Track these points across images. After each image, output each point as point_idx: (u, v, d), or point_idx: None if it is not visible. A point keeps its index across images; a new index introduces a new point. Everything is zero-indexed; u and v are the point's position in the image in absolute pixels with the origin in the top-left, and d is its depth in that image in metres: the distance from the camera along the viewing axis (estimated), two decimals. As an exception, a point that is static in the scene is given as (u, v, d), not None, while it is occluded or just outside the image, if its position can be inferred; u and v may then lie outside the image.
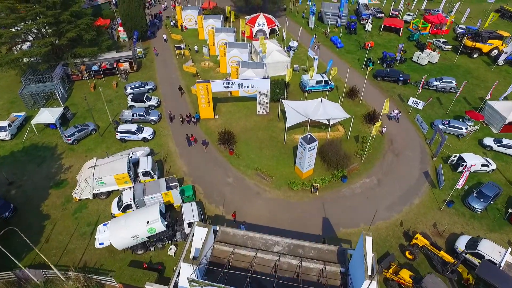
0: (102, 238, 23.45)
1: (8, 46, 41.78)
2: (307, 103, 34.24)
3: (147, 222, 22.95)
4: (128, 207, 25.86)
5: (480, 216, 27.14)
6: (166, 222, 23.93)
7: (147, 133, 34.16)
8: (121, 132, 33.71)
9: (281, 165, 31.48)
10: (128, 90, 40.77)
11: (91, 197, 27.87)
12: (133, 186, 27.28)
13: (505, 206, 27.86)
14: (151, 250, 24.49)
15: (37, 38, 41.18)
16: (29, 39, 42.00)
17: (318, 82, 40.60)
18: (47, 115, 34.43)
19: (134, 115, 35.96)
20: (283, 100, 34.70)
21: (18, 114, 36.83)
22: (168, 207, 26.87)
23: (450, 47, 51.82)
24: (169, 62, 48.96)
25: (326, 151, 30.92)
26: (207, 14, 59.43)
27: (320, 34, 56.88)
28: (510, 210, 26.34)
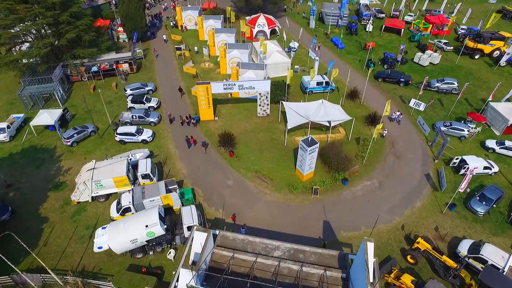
0: (100, 242, 23.24)
1: (7, 47, 41.59)
2: (308, 105, 33.99)
3: (146, 226, 22.73)
4: (127, 210, 25.65)
5: (482, 220, 26.87)
6: (165, 226, 23.71)
7: (146, 135, 33.92)
8: (120, 134, 33.47)
9: (281, 167, 31.23)
10: (127, 91, 40.53)
11: (90, 199, 27.66)
12: (132, 189, 27.04)
13: (507, 209, 27.59)
14: (150, 254, 24.26)
15: (36, 39, 40.98)
16: (28, 40, 41.80)
17: (319, 84, 40.32)
18: (46, 117, 34.20)
19: (134, 117, 35.71)
20: (283, 102, 34.44)
21: (17, 116, 36.60)
22: (167, 210, 26.61)
23: (452, 48, 51.49)
24: (169, 63, 48.71)
25: (327, 153, 30.64)
26: (207, 14, 59.13)
27: (320, 35, 56.59)
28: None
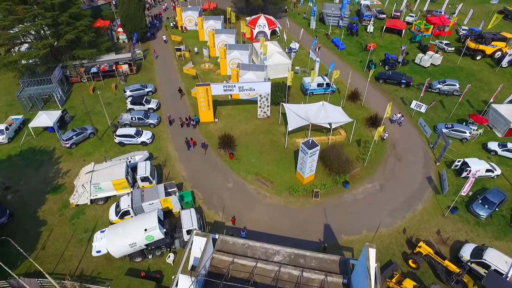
0: (99, 246, 23.04)
1: (6, 48, 41.40)
2: (308, 107, 33.72)
3: (145, 230, 22.49)
4: (126, 214, 25.42)
5: (485, 223, 26.60)
6: (165, 230, 23.47)
7: (146, 136, 33.68)
8: (119, 136, 33.23)
9: (281, 170, 30.98)
10: (127, 92, 40.28)
11: (88, 202, 27.42)
12: (131, 192, 26.80)
13: (510, 213, 27.29)
14: (149, 258, 24.01)
15: (35, 40, 40.76)
16: (27, 41, 41.58)
17: (319, 85, 40.07)
18: (45, 118, 33.96)
19: (133, 118, 35.49)
20: (284, 104, 34.20)
21: (15, 117, 36.39)
22: (166, 213, 26.39)
23: (453, 49, 51.22)
24: (169, 64, 48.48)
25: (328, 155, 30.37)
26: (207, 15, 58.96)
27: (321, 36, 56.32)
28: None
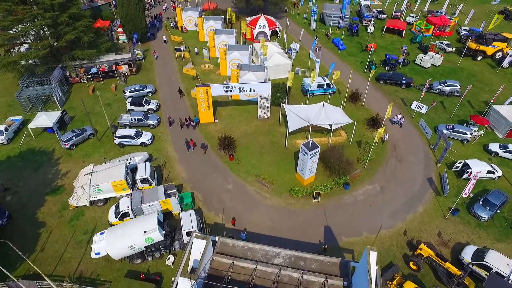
0: (98, 248, 22.90)
1: (6, 48, 41.29)
2: (309, 108, 33.59)
3: (145, 232, 22.38)
4: (125, 215, 25.32)
5: (486, 225, 26.46)
6: (164, 232, 23.37)
7: (145, 138, 33.55)
8: (119, 137, 33.11)
9: (282, 171, 30.85)
10: (127, 93, 40.15)
11: (88, 204, 27.31)
12: (131, 194, 26.68)
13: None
14: (149, 259, 23.90)
15: (35, 40, 40.65)
16: (27, 41, 41.47)
17: (320, 86, 39.93)
18: (44, 119, 33.84)
19: (133, 119, 35.37)
20: (284, 105, 34.07)
21: (15, 118, 36.26)
22: (166, 215, 26.26)
23: (454, 49, 51.08)
24: (168, 64, 48.36)
25: (328, 157, 30.25)
26: (207, 15, 58.85)
27: (321, 36, 56.19)
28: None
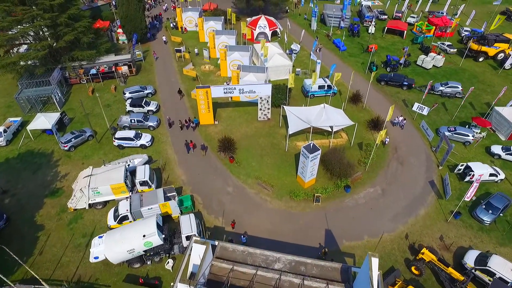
0: (97, 252, 22.67)
1: (5, 49, 41.05)
2: (310, 109, 33.32)
3: (144, 236, 22.15)
4: (124, 219, 25.06)
5: (488, 229, 26.19)
6: (163, 235, 23.13)
7: (145, 139, 33.29)
8: (118, 139, 32.86)
9: (282, 173, 30.59)
10: (126, 94, 39.91)
11: (86, 207, 27.07)
12: (130, 196, 26.46)
13: (514, 218, 26.95)
14: (148, 264, 23.67)
15: (34, 41, 40.43)
16: (26, 42, 41.24)
17: (320, 87, 39.64)
18: (43, 121, 33.59)
19: (132, 121, 35.13)
20: (285, 106, 33.81)
21: (14, 119, 36.04)
22: (166, 218, 26.04)
23: (455, 50, 50.75)
24: (168, 65, 48.12)
25: (329, 159, 30.00)
26: (207, 16, 58.61)
27: (322, 37, 55.90)
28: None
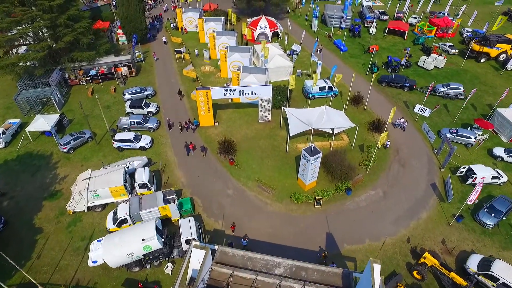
0: (95, 256, 22.41)
1: (4, 50, 40.85)
2: (310, 111, 33.08)
3: (143, 240, 21.91)
4: (123, 222, 24.84)
5: (491, 232, 25.92)
6: (163, 239, 22.90)
7: (145, 141, 33.05)
8: (118, 141, 32.61)
9: (283, 176, 30.35)
10: (126, 95, 39.66)
11: (85, 209, 26.85)
12: (129, 199, 26.24)
13: (517, 221, 26.69)
14: (147, 267, 23.44)
15: (33, 42, 40.22)
16: (25, 43, 41.04)
17: (321, 88, 39.38)
18: (42, 122, 33.38)
19: (132, 123, 34.87)
20: (285, 108, 33.57)
21: (13, 121, 35.80)
22: (165, 221, 25.80)
23: (457, 51, 50.47)
24: (168, 66, 47.89)
25: (330, 161, 29.74)
26: (208, 16, 58.36)
27: (323, 38, 55.64)
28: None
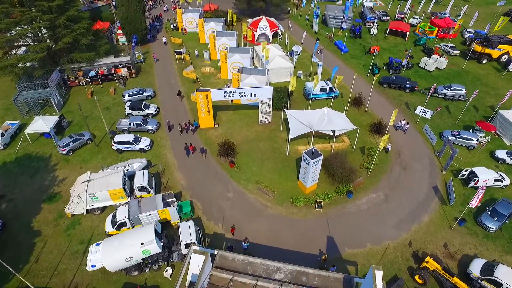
0: (94, 260, 22.20)
1: (3, 51, 40.60)
2: (311, 113, 32.84)
3: (142, 244, 21.71)
4: (122, 225, 24.62)
5: (494, 236, 25.67)
6: (162, 243, 22.69)
7: (144, 143, 32.80)
8: (117, 143, 32.38)
9: (283, 178, 30.10)
10: (126, 97, 39.41)
11: (84, 212, 26.63)
12: (128, 202, 26.00)
13: (520, 225, 26.42)
14: (146, 271, 23.22)
15: (33, 42, 40.00)
16: (24, 44, 40.82)
17: (322, 90, 39.14)
18: (41, 124, 33.17)
19: (132, 124, 34.64)
20: (286, 110, 33.32)
21: (11, 122, 35.57)
22: (165, 224, 25.57)
23: (458, 52, 50.18)
24: (168, 67, 47.66)
25: (331, 164, 29.51)
26: (208, 17, 58.13)
27: (323, 38, 55.38)
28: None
